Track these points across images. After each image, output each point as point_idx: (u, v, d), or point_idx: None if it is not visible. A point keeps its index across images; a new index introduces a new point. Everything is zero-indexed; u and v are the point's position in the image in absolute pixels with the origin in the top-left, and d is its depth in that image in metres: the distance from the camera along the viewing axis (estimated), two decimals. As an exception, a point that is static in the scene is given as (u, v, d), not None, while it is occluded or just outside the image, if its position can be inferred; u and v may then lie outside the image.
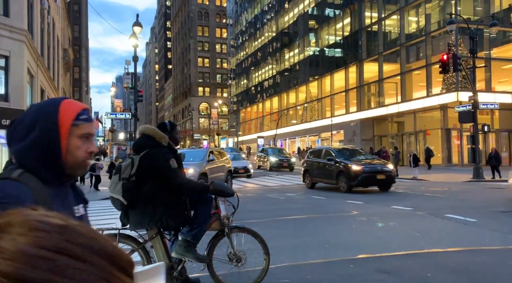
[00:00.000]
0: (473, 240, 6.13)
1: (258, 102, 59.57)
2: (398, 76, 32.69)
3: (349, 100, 38.97)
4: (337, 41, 41.06)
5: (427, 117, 30.56)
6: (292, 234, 6.79)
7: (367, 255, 5.22)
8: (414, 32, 32.29)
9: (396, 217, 8.40)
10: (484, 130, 21.72)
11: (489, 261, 5.02)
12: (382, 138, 35.44)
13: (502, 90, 27.97)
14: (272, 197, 12.78)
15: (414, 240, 6.21)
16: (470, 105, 18.14)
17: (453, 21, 18.23)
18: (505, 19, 28.28)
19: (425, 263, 4.85)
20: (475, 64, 18.48)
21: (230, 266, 3.93)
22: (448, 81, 27.04)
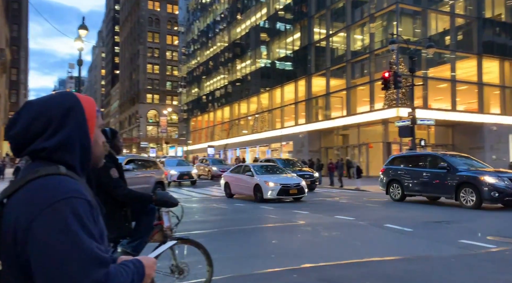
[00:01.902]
0: (409, 249, 6.46)
1: (209, 111, 59.28)
2: (344, 91, 34.08)
3: (298, 113, 39.93)
4: (288, 54, 42.09)
5: (370, 131, 32.05)
6: (239, 245, 6.77)
7: (310, 264, 5.31)
8: (359, 49, 33.92)
9: (339, 226, 8.66)
10: (421, 144, 23.14)
11: (422, 268, 5.30)
12: (328, 150, 36.62)
13: (438, 107, 30.07)
14: (218, 207, 12.68)
15: (355, 249, 6.43)
16: (409, 121, 19.25)
17: (395, 41, 19.40)
18: (441, 42, 30.59)
19: (364, 272, 5.03)
20: (413, 82, 19.73)
21: (172, 278, 3.82)
22: (390, 97, 28.60)
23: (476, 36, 30.87)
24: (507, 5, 32.67)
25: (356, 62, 33.87)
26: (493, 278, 4.86)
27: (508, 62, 31.53)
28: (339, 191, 19.53)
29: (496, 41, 31.58)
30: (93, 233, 1.04)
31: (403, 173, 13.42)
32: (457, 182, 11.42)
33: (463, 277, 4.93)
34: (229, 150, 49.43)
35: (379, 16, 31.52)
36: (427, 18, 30.42)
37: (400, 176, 13.52)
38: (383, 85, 18.98)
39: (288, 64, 42.54)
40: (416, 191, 13.09)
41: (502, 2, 32.42)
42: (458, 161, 12.36)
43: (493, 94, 31.68)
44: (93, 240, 1.02)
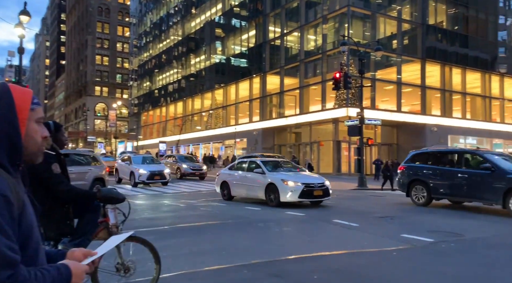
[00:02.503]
0: (355, 243, 6.71)
1: (162, 106, 57.98)
2: (297, 90, 34.73)
3: (252, 110, 40.12)
4: (243, 51, 42.12)
5: (322, 129, 32.94)
6: (190, 242, 6.69)
7: (261, 260, 5.37)
8: (312, 49, 34.70)
9: (290, 222, 8.83)
10: (369, 143, 24.15)
11: (367, 262, 5.54)
12: (282, 148, 37.19)
13: (384, 108, 31.50)
14: (170, 204, 12.46)
15: (304, 244, 6.59)
16: (358, 120, 19.95)
17: (346, 43, 20.03)
18: (388, 45, 32.04)
19: (313, 266, 5.16)
20: (362, 83, 20.49)
21: (118, 277, 3.70)
22: (340, 97, 29.54)
23: (420, 42, 32.67)
24: (448, 14, 34.87)
25: (309, 62, 34.60)
26: (430, 270, 5.18)
27: (448, 67, 33.68)
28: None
29: (438, 47, 33.61)
30: (5, 229, 0.98)
31: (430, 173, 11.50)
32: (505, 187, 9.57)
33: (403, 269, 5.21)
34: (181, 146, 48.68)
35: (331, 18, 32.41)
36: (376, 22, 31.73)
37: (426, 176, 11.55)
38: (334, 85, 19.53)
39: (243, 61, 42.57)
40: (446, 194, 11.17)
41: (444, 10, 34.55)
42: (502, 161, 10.42)
43: (434, 97, 33.72)
44: (3, 237, 0.96)
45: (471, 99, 35.30)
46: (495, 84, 35.97)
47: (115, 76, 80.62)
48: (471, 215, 10.17)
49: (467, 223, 8.93)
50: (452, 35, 34.61)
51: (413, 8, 33.58)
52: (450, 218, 9.67)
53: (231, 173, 13.20)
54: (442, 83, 33.42)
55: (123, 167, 19.54)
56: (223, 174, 13.62)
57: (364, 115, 19.94)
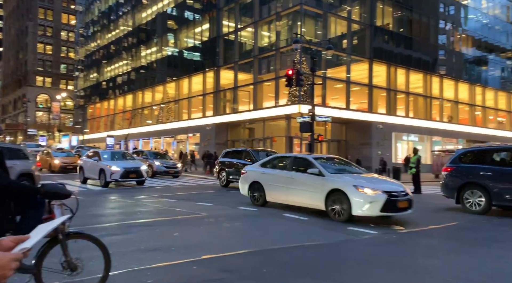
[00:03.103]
0: (304, 236, 6.91)
1: (110, 98, 55.80)
2: (251, 85, 34.88)
3: (206, 105, 39.76)
4: (196, 45, 41.54)
5: (275, 125, 33.38)
6: (139, 239, 6.54)
7: (211, 255, 5.37)
8: (266, 46, 34.97)
9: (242, 217, 8.89)
10: (319, 139, 24.85)
11: (315, 254, 5.73)
12: (235, 143, 37.21)
13: (334, 106, 32.50)
14: (119, 200, 12.08)
15: (255, 239, 6.67)
16: (309, 117, 20.46)
17: (298, 40, 20.40)
18: (338, 45, 33.05)
19: (263, 260, 5.25)
20: (314, 81, 21.01)
21: (63, 275, 3.56)
22: (293, 94, 30.08)
23: (369, 42, 34.01)
24: (394, 16, 36.57)
25: (263, 58, 34.86)
26: (373, 260, 5.46)
27: (393, 67, 35.37)
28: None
29: (384, 48, 35.18)
30: None
31: (490, 175, 9.60)
32: None
33: (348, 260, 5.44)
34: (130, 141, 47.22)
35: (285, 15, 32.83)
36: (327, 21, 32.58)
37: (484, 178, 9.62)
38: (287, 82, 19.86)
39: (196, 54, 42.01)
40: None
41: (391, 13, 36.18)
42: None
43: (380, 96, 35.31)
44: None
45: (413, 99, 37.36)
46: (435, 85, 38.33)
47: (59, 66, 76.26)
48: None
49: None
50: (397, 37, 36.36)
51: (362, 9, 34.84)
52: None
53: (266, 171, 10.27)
54: (387, 82, 35.05)
55: (90, 164, 16.75)
56: (253, 171, 10.74)
57: (315, 112, 20.47)
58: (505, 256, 5.85)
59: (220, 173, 16.82)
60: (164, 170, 21.13)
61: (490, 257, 5.80)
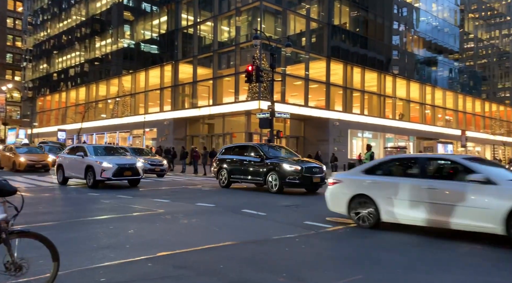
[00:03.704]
0: (262, 232, 6.95)
1: (61, 91, 53.24)
2: (211, 80, 34.59)
3: (163, 99, 38.95)
4: (154, 37, 40.55)
5: (234, 121, 33.34)
6: (91, 237, 6.29)
7: (167, 252, 5.27)
8: (226, 41, 34.78)
9: (199, 213, 8.81)
10: (279, 135, 25.12)
11: (273, 249, 5.78)
12: (194, 138, 36.81)
13: (293, 102, 32.99)
14: (71, 196, 11.57)
15: (212, 235, 6.63)
16: (269, 113, 20.62)
17: (258, 36, 20.45)
18: (298, 42, 33.51)
19: (220, 256, 5.23)
20: (273, 77, 21.17)
21: (7, 276, 3.35)
22: (253, 90, 30.18)
23: (326, 41, 34.76)
24: (351, 16, 37.60)
25: (223, 53, 34.64)
26: (329, 254, 5.60)
27: (350, 66, 36.41)
28: (202, 179, 19.82)
29: (341, 47, 36.11)
30: None
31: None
32: None
33: (305, 254, 5.54)
34: (84, 135, 45.35)
35: (244, 11, 32.78)
36: (287, 18, 32.91)
37: None
38: (247, 78, 19.88)
39: (154, 47, 41.00)
40: None
41: (347, 12, 37.17)
42: None
43: (337, 93, 36.26)
44: None
45: (368, 97, 38.70)
46: (388, 84, 39.92)
47: (4, 55, 71.61)
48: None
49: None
50: (354, 37, 37.43)
51: (321, 8, 35.52)
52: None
53: (379, 179, 7.36)
54: (344, 81, 36.04)
55: (72, 161, 14.55)
56: (353, 180, 7.78)
57: (274, 108, 20.65)
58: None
59: (220, 172, 14.75)
60: (148, 168, 18.42)
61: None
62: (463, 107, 49.35)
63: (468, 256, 5.66)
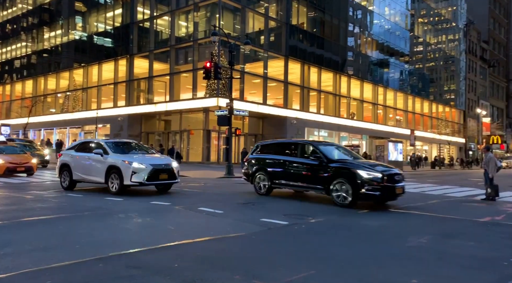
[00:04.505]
0: (219, 229, 6.90)
1: (5, 83, 49.97)
2: (168, 76, 33.89)
3: (117, 94, 37.67)
4: (108, 30, 39.08)
5: (192, 118, 32.91)
6: (37, 237, 5.94)
7: (119, 252, 5.09)
8: (184, 36, 34.22)
9: (154, 212, 8.59)
10: (237, 133, 25.09)
11: (229, 247, 5.75)
12: (150, 135, 35.94)
13: (252, 100, 33.08)
14: (14, 196, 10.88)
15: (167, 234, 6.48)
16: (227, 111, 20.53)
17: (216, 33, 20.27)
18: (256, 40, 33.61)
19: (175, 255, 5.12)
20: (232, 75, 21.09)
21: None
22: (211, 87, 29.91)
23: (284, 40, 35.15)
24: (308, 16, 38.27)
25: (180, 49, 34.05)
26: (285, 250, 5.65)
27: (307, 66, 37.07)
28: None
29: (299, 46, 36.67)
30: None
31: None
32: None
33: (261, 251, 5.56)
34: (30, 130, 42.88)
35: (203, 7, 32.40)
36: (246, 16, 32.91)
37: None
38: (205, 74, 19.65)
39: (107, 40, 39.51)
40: None
41: (305, 12, 37.80)
42: None
43: (295, 92, 36.80)
44: None
45: (324, 96, 39.61)
46: (344, 84, 41.08)
47: None
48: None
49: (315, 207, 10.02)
50: (311, 37, 38.14)
51: (279, 7, 35.85)
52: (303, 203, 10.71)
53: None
54: (301, 80, 36.65)
55: (87, 160, 11.96)
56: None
57: (233, 106, 20.59)
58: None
59: (256, 174, 11.92)
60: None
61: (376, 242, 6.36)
62: (412, 108, 51.83)
63: (416, 250, 5.93)
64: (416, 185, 18.17)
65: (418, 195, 13.70)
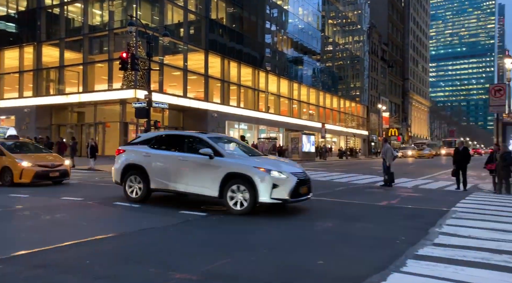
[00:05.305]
0: (135, 223, 6.85)
1: None
2: (81, 66, 31.90)
3: (23, 83, 34.53)
4: (11, 14, 35.48)
5: (108, 110, 31.43)
6: None
7: (24, 251, 4.85)
8: (98, 25, 32.42)
9: (65, 208, 8.22)
10: (156, 126, 24.55)
11: (145, 241, 5.74)
12: (61, 128, 33.63)
13: (172, 93, 32.50)
14: None
15: (79, 230, 6.29)
16: (146, 103, 20.04)
17: (133, 23, 19.62)
18: (176, 32, 33.04)
19: (86, 251, 5.01)
20: (150, 66, 20.59)
21: None
22: (128, 78, 28.81)
23: (204, 33, 35.03)
24: (227, 12, 38.55)
25: (95, 38, 32.23)
26: (205, 241, 5.88)
27: (227, 60, 37.36)
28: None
29: (219, 41, 36.80)
30: None
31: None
32: None
33: (179, 243, 5.68)
34: None
35: (119, -5, 30.96)
36: (164, 7, 32.13)
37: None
38: (121, 65, 18.99)
39: (10, 25, 35.89)
40: None
41: (224, 8, 37.99)
42: None
43: (215, 86, 36.93)
44: None
45: (244, 91, 40.35)
46: (262, 79, 42.22)
47: None
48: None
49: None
50: (230, 32, 38.48)
51: (198, 0, 35.59)
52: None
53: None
54: (222, 74, 36.88)
55: (181, 162, 8.51)
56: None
57: (152, 98, 20.16)
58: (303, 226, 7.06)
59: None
60: None
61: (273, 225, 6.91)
62: (324, 103, 55.45)
63: (323, 233, 6.56)
64: (326, 173, 19.63)
65: (327, 182, 14.85)
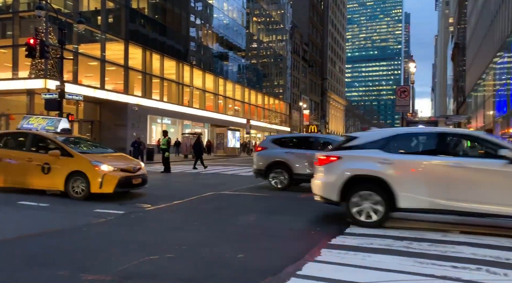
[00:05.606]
0: (43, 224, 6.43)
1: None
2: (-22, 50, 28.47)
3: None
4: None
5: (13, 100, 28.65)
6: None
7: None
8: (1, 6, 29.22)
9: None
10: (69, 119, 22.90)
11: (62, 241, 5.46)
12: (-48, 121, 29.69)
13: (88, 84, 30.50)
14: None
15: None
16: (57, 94, 18.61)
17: (42, 7, 18.03)
18: (92, 20, 31.04)
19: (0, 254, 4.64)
20: (63, 55, 19.12)
21: None
22: (37, 67, 26.48)
23: (124, 23, 33.40)
24: (149, 2, 37.22)
25: (-4, 20, 28.97)
26: (121, 239, 5.69)
27: (149, 52, 36.09)
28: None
29: (140, 31, 35.37)
30: None
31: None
32: None
33: (93, 243, 5.46)
34: None
35: (26, -26, 28.19)
36: (80, -8, 29.99)
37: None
38: (28, 52, 17.42)
39: None
40: None
41: (146, -3, 36.63)
42: None
43: (136, 78, 35.47)
44: None
45: (168, 84, 39.36)
46: (186, 73, 41.55)
47: None
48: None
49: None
50: (153, 23, 37.21)
51: (118, -13, 33.81)
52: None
53: None
54: (143, 66, 35.55)
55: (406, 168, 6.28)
56: None
57: (64, 89, 18.81)
58: (229, 221, 7.22)
59: None
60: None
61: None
62: (249, 99, 56.39)
63: (245, 227, 6.74)
64: (250, 169, 20.01)
65: (250, 178, 15.18)
